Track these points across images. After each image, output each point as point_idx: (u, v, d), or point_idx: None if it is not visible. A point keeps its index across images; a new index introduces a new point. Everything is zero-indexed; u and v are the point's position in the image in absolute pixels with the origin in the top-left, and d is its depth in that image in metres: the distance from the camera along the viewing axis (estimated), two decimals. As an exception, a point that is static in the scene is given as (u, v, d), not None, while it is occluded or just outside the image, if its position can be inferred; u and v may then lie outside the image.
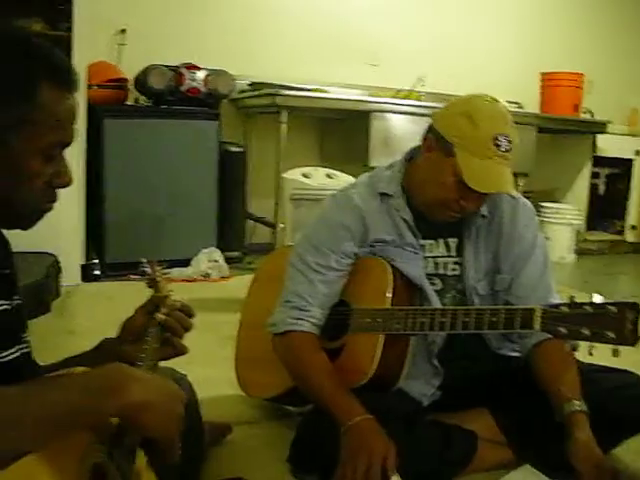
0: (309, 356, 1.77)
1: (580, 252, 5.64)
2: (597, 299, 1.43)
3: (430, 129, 1.74)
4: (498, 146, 1.64)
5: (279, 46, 5.04)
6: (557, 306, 1.48)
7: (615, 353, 1.41)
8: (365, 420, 1.60)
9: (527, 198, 5.48)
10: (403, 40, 5.43)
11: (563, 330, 1.44)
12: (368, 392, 1.70)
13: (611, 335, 1.39)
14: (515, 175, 5.16)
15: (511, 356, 1.90)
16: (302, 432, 1.75)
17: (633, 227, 6.04)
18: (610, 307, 1.40)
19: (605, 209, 6.26)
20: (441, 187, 1.70)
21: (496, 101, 1.73)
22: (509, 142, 1.66)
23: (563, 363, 1.73)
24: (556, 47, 6.09)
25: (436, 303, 1.80)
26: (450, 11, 5.69)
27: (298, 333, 1.79)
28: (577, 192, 5.91)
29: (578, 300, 1.49)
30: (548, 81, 5.76)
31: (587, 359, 1.60)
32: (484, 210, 1.82)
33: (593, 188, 6.05)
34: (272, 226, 4.33)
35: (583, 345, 1.46)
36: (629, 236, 6.08)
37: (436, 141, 1.70)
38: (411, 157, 1.85)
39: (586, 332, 1.41)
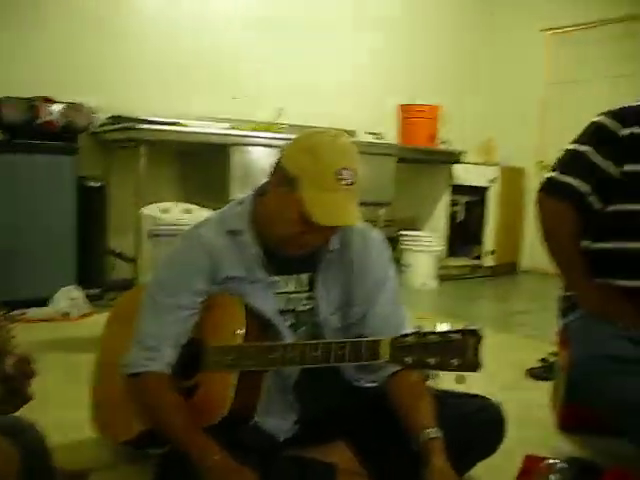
0: (161, 396, 1.73)
1: (442, 278, 5.84)
2: (441, 327, 1.47)
3: (277, 164, 1.74)
4: (341, 179, 1.66)
5: (140, 79, 4.97)
6: (404, 336, 1.51)
7: (459, 379, 1.46)
8: (222, 459, 1.57)
9: (389, 227, 5.67)
10: (263, 72, 5.49)
11: (409, 360, 1.47)
12: (224, 428, 1.67)
13: (455, 362, 1.43)
14: (375, 205, 5.32)
15: (368, 387, 1.92)
16: (160, 474, 1.70)
17: (492, 252, 6.31)
18: (453, 335, 1.44)
19: (464, 235, 6.53)
20: (287, 222, 1.70)
21: (340, 136, 1.75)
22: (353, 175, 1.69)
23: (416, 392, 1.77)
24: (415, 80, 6.35)
25: (289, 339, 1.80)
26: (309, 44, 5.81)
27: (150, 374, 1.75)
28: (437, 220, 6.13)
29: (425, 329, 1.53)
30: (406, 113, 5.99)
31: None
32: (335, 244, 1.84)
33: (452, 215, 6.30)
34: (132, 262, 4.23)
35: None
36: (487, 261, 6.35)
37: (282, 176, 1.71)
38: (262, 192, 1.85)
39: (432, 361, 1.44)
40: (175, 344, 1.77)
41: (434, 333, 1.47)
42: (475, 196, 6.44)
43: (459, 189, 6.23)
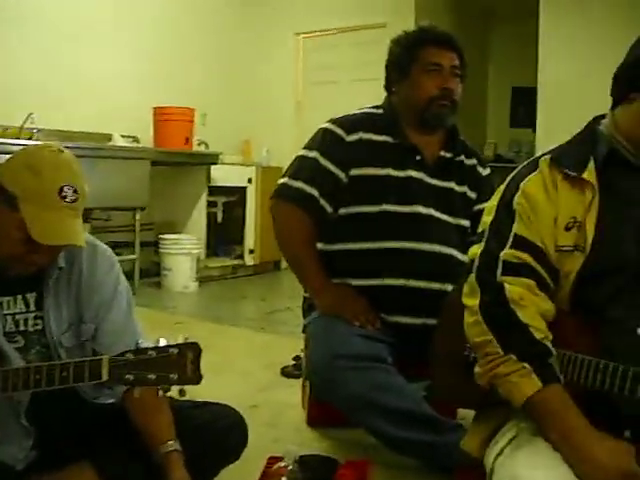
0: None
1: (202, 279, 5.82)
2: (161, 343, 1.46)
3: (-5, 182, 1.63)
4: (64, 197, 1.59)
5: None
6: (123, 354, 1.48)
7: (182, 393, 1.46)
8: None
9: (147, 231, 5.52)
10: (10, 74, 5.07)
11: (130, 378, 1.45)
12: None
13: (174, 377, 1.43)
14: (130, 209, 5.17)
15: (108, 404, 1.86)
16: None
17: (251, 251, 6.40)
18: (172, 350, 1.44)
19: (225, 235, 6.57)
20: (10, 242, 1.60)
21: (62, 151, 1.67)
22: (75, 192, 1.61)
23: (152, 406, 1.74)
24: (170, 82, 6.24)
25: (17, 362, 1.69)
26: (63, 44, 5.46)
27: None
28: (196, 221, 6.10)
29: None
30: (160, 115, 5.89)
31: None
32: (61, 262, 1.76)
33: (211, 216, 6.30)
34: None
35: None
36: (248, 260, 6.44)
37: (1, 195, 1.60)
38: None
39: (152, 377, 1.43)
40: None
41: (154, 349, 1.46)
42: (234, 196, 6.49)
43: (217, 190, 6.25)
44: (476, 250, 1.46)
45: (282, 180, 2.27)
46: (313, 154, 2.22)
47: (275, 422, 2.63)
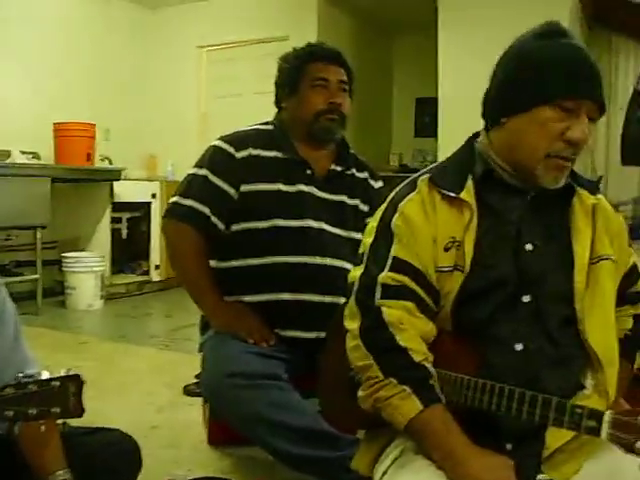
0: None
1: (108, 297, 5.70)
2: (43, 376, 1.40)
3: None
4: None
5: None
6: (2, 389, 1.42)
7: (64, 426, 1.42)
8: None
9: (50, 249, 5.36)
10: None
11: (10, 413, 1.38)
12: None
13: (57, 410, 1.38)
14: (30, 227, 4.99)
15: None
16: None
17: (157, 267, 6.30)
18: (54, 382, 1.38)
19: (130, 252, 6.46)
20: None
21: None
22: None
23: (39, 437, 1.68)
24: (72, 98, 6.13)
25: None
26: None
27: None
28: (100, 238, 5.96)
29: (31, 374, 1.45)
30: (60, 131, 5.76)
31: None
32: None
33: (116, 233, 6.18)
34: None
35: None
36: (154, 275, 6.34)
37: None
38: None
39: (33, 411, 1.37)
40: None
41: (34, 382, 1.40)
42: (138, 212, 6.39)
43: (121, 206, 6.14)
44: (356, 272, 1.45)
45: (173, 199, 2.25)
46: (203, 172, 2.20)
47: (175, 443, 2.60)
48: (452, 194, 1.37)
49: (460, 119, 4.46)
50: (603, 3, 4.99)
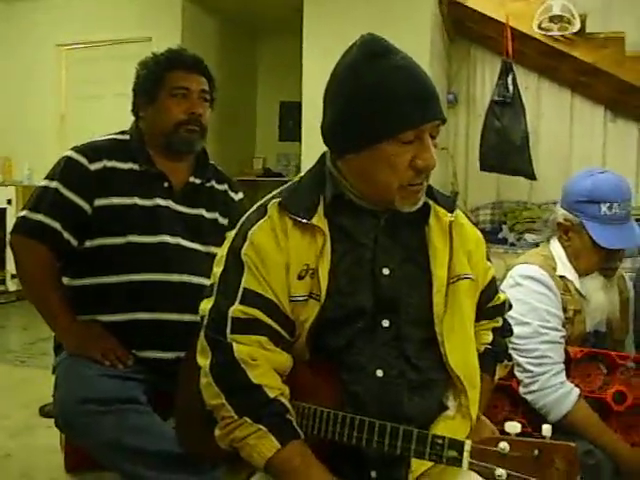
0: None
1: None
2: None
3: None
4: None
5: None
6: None
7: None
8: None
9: None
10: None
11: None
12: None
13: None
14: None
15: None
16: None
17: (13, 276, 5.98)
18: None
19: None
20: None
21: None
22: None
23: None
24: None
25: None
26: None
27: None
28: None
29: None
30: None
31: None
32: None
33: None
34: None
35: None
36: (11, 285, 6.01)
37: None
38: None
39: None
40: None
41: None
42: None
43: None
44: (206, 305, 1.39)
45: (22, 213, 2.10)
46: (54, 184, 2.07)
47: (30, 472, 2.44)
48: (304, 220, 1.32)
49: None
50: (462, 16, 5.16)
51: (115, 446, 1.85)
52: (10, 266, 5.98)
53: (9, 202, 5.96)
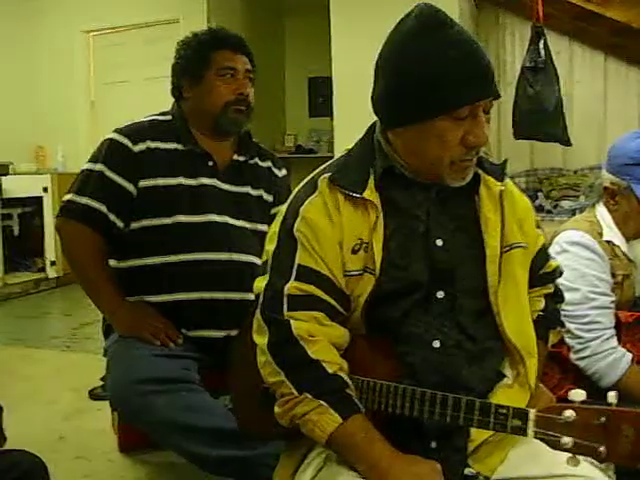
0: None
1: (3, 298, 5.44)
2: None
3: None
4: None
5: None
6: None
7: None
8: None
9: None
10: None
11: None
12: None
13: None
14: None
15: None
16: None
17: (53, 263, 6.06)
18: None
19: (24, 249, 6.17)
20: None
21: None
22: None
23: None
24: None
25: None
26: None
27: None
28: (-11, 237, 5.67)
29: None
30: None
31: None
32: None
33: (7, 230, 5.89)
34: None
35: None
36: (51, 272, 6.09)
37: None
38: None
39: None
40: None
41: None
42: (30, 207, 6.11)
43: (11, 202, 5.85)
44: (260, 283, 1.38)
45: (67, 196, 2.12)
46: (99, 167, 2.08)
47: (85, 453, 2.48)
48: (356, 194, 1.31)
49: (355, 98, 4.46)
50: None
51: (169, 424, 1.87)
52: (49, 253, 6.06)
53: (45, 190, 6.00)
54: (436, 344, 1.32)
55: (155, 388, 1.89)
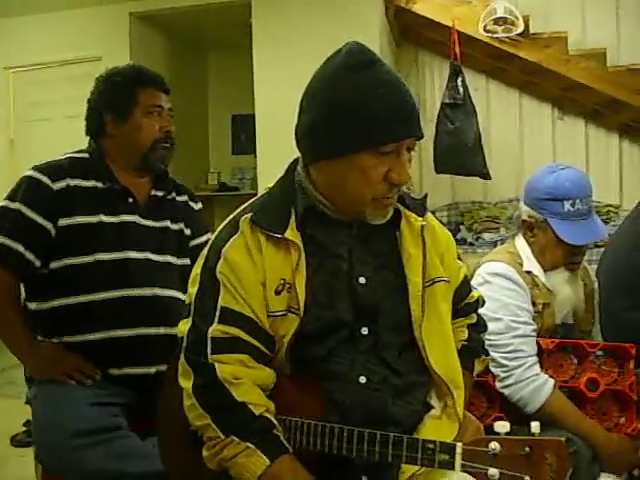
0: None
1: None
2: None
3: None
4: None
5: None
6: None
7: None
8: None
9: None
10: None
11: None
12: None
13: None
14: None
15: None
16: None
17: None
18: None
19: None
20: None
21: None
22: None
23: None
24: None
25: None
26: None
27: None
28: None
29: None
30: None
31: None
32: None
33: None
34: None
35: None
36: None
37: None
38: None
39: None
40: None
41: None
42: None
43: None
44: (184, 326, 1.37)
45: (-19, 235, 2.05)
46: (16, 205, 2.03)
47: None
48: (277, 234, 1.31)
49: (278, 135, 4.49)
50: (409, 22, 5.20)
51: (99, 474, 1.83)
52: None
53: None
54: (362, 380, 1.33)
55: (84, 442, 1.85)
